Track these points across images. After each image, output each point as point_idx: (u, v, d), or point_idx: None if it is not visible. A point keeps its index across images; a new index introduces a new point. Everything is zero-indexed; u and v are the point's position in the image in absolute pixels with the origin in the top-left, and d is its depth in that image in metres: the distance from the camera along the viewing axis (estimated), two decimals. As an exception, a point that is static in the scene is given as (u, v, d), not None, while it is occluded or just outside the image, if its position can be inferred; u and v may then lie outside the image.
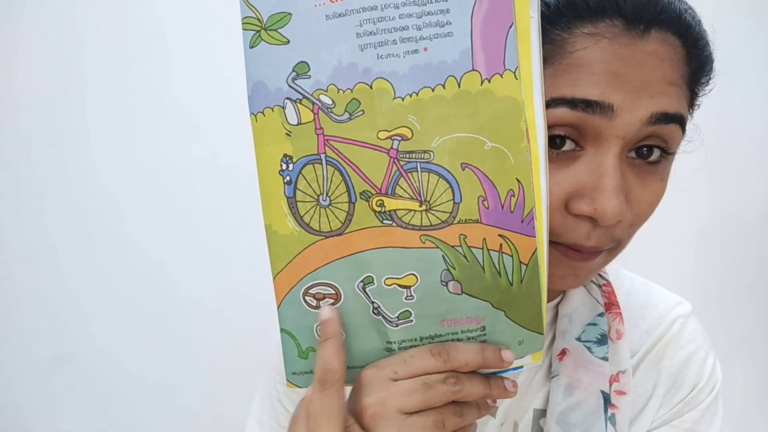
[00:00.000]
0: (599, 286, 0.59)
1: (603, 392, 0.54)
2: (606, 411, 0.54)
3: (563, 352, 0.55)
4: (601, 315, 0.57)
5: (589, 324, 0.56)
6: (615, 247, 0.48)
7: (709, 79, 0.50)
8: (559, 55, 0.43)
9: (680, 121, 0.45)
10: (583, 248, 0.45)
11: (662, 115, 0.43)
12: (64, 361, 1.25)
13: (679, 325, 0.59)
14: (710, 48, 0.48)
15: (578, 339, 0.56)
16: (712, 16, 1.40)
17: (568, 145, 0.44)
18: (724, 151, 1.37)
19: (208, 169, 1.24)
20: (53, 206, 1.23)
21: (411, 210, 0.40)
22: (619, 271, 0.63)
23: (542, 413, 0.56)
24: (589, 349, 0.55)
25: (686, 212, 1.38)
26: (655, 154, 0.46)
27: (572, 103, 0.42)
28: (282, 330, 0.43)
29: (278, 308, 0.43)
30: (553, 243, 0.46)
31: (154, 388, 1.27)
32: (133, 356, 1.27)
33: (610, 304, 0.57)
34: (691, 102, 0.49)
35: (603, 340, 0.56)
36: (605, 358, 0.55)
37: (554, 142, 0.44)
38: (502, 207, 0.40)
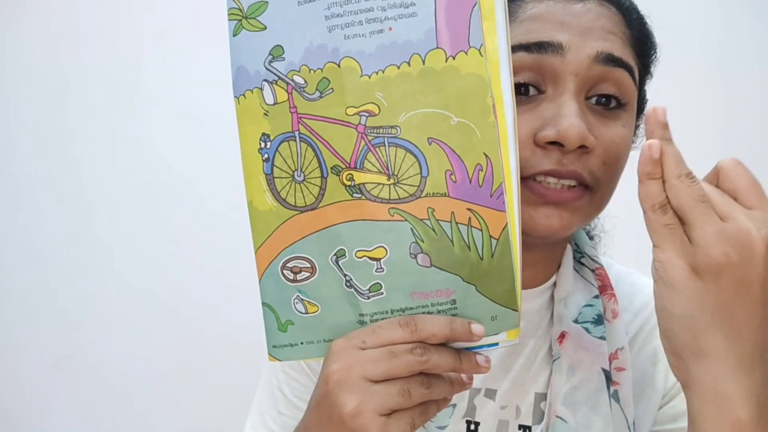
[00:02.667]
0: (592, 270, 0.60)
1: (604, 370, 0.55)
2: (608, 388, 0.55)
3: (562, 335, 0.57)
4: (596, 297, 0.58)
5: (585, 306, 0.58)
6: (595, 188, 0.50)
7: (654, 50, 0.56)
8: (515, 15, 0.51)
9: (628, 68, 0.50)
10: (560, 173, 0.48)
11: (608, 55, 0.49)
12: (65, 362, 1.29)
13: None
14: (647, 21, 0.55)
15: (575, 321, 0.57)
16: (718, 14, 1.37)
17: (532, 91, 0.50)
18: (719, 149, 1.33)
19: (208, 169, 1.27)
20: (54, 207, 1.28)
21: (379, 183, 0.41)
22: (607, 261, 0.65)
23: (543, 397, 0.57)
24: (586, 330, 0.57)
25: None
26: (612, 103, 0.51)
27: (527, 47, 0.49)
28: (263, 303, 0.45)
29: (259, 282, 0.45)
30: (530, 183, 0.49)
31: (155, 389, 1.29)
32: (134, 357, 1.29)
33: (604, 287, 0.59)
34: (643, 68, 0.55)
35: (599, 320, 0.57)
36: (603, 338, 0.56)
37: (519, 90, 0.49)
38: (470, 181, 0.41)
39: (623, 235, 0.64)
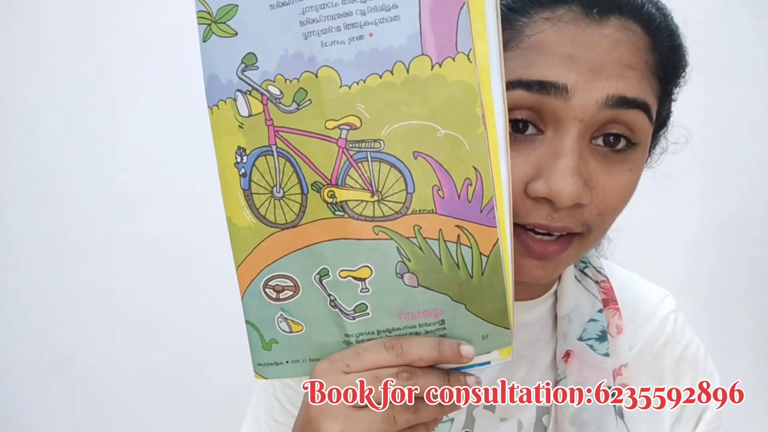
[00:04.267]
0: (597, 283, 0.58)
1: (608, 387, 0.54)
2: (614, 405, 0.54)
3: (567, 354, 0.55)
4: (599, 311, 0.56)
5: (589, 321, 0.56)
6: (586, 234, 0.47)
7: (682, 71, 0.49)
8: (518, 39, 0.43)
9: (643, 107, 0.44)
10: (549, 228, 0.45)
11: (620, 99, 0.43)
12: (65, 363, 1.28)
13: (672, 322, 0.59)
14: (680, 39, 0.47)
15: (580, 339, 0.55)
16: (718, 14, 1.32)
17: (530, 130, 0.44)
18: (722, 151, 1.32)
19: (211, 169, 1.24)
20: (53, 207, 1.26)
21: (362, 201, 0.39)
22: (609, 265, 0.63)
23: (545, 410, 0.56)
24: (591, 347, 0.55)
25: (684, 213, 1.33)
26: (621, 143, 0.45)
27: (527, 85, 0.42)
28: (246, 321, 0.43)
29: (242, 300, 0.43)
30: (517, 232, 0.45)
31: (154, 390, 1.29)
32: (134, 358, 1.28)
33: (609, 300, 0.57)
34: (665, 94, 0.48)
35: (603, 336, 0.55)
36: (607, 354, 0.55)
37: (517, 126, 0.44)
38: (459, 196, 0.38)
39: (622, 235, 0.62)
